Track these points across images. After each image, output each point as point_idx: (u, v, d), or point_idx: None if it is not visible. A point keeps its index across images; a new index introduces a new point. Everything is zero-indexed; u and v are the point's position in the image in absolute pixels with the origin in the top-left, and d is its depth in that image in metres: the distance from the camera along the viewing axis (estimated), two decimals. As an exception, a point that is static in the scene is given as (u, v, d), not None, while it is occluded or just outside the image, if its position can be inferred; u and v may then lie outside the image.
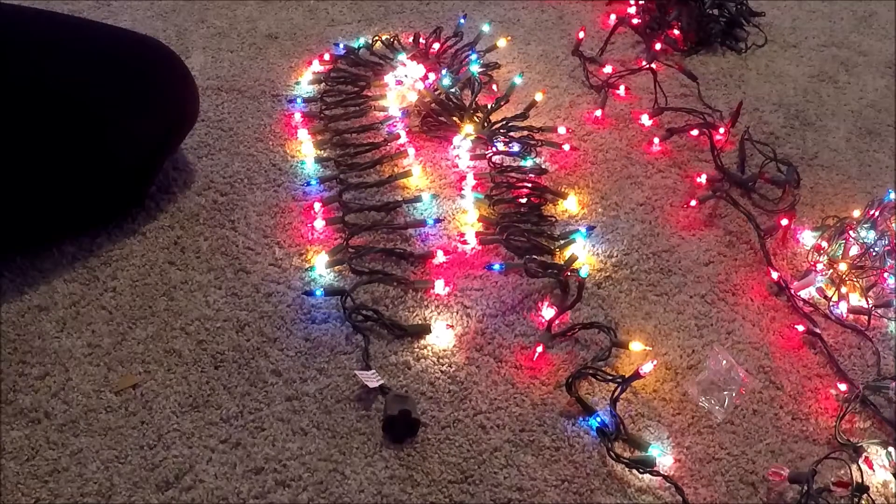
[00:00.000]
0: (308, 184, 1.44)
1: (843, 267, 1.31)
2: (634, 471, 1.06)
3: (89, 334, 1.19)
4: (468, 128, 1.54)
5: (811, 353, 1.23)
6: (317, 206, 1.39)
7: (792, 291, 1.30)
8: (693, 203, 1.45)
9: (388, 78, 1.67)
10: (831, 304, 1.29)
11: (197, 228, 1.36)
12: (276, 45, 1.80)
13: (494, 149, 1.51)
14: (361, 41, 1.78)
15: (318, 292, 1.24)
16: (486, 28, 1.83)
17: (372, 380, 1.12)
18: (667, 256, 1.36)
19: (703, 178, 1.48)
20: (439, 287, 1.27)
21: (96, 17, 1.82)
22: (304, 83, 1.69)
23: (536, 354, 1.19)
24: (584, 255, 1.34)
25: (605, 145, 1.58)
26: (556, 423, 1.11)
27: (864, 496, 1.03)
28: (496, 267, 1.29)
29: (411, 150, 1.51)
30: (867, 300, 1.28)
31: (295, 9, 1.93)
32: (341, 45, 1.77)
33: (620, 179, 1.51)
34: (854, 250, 1.33)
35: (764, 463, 1.09)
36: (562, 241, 1.36)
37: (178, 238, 1.34)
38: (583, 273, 1.27)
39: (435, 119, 1.58)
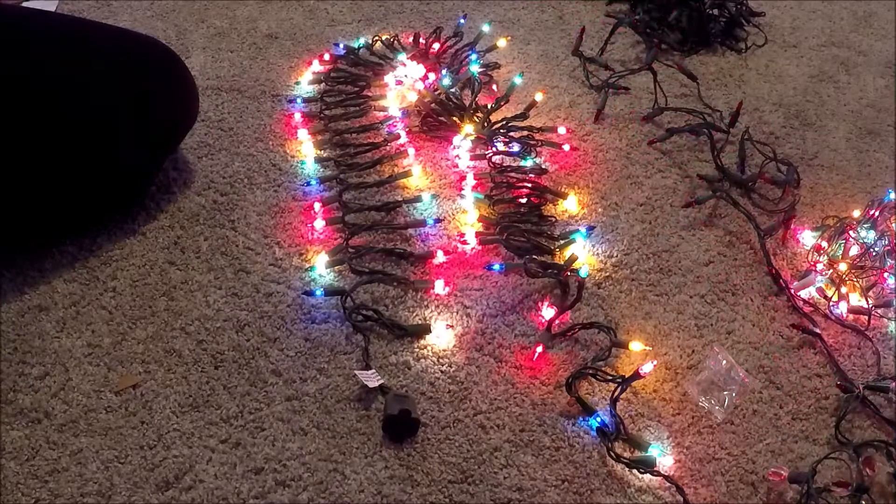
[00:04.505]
0: (308, 184, 1.44)
1: (843, 267, 1.31)
2: (634, 471, 1.06)
3: (89, 334, 1.19)
4: (468, 128, 1.54)
5: (811, 353, 1.23)
6: (317, 206, 1.39)
7: (792, 291, 1.30)
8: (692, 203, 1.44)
9: (388, 78, 1.67)
10: (831, 304, 1.29)
11: (197, 228, 1.36)
12: (276, 45, 1.80)
13: (494, 149, 1.51)
14: (361, 41, 1.78)
15: (318, 292, 1.24)
16: (486, 28, 1.83)
17: (372, 380, 1.12)
18: (667, 256, 1.36)
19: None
20: (439, 287, 1.27)
21: (96, 17, 1.82)
22: (304, 83, 1.68)
23: (536, 354, 1.19)
24: (584, 255, 1.34)
25: (605, 145, 1.58)
26: (556, 423, 1.11)
27: (865, 496, 1.03)
28: (496, 267, 1.29)
29: (411, 150, 1.51)
30: (867, 300, 1.28)
31: (295, 9, 1.93)
32: (341, 45, 1.77)
33: (620, 179, 1.51)
34: (854, 250, 1.33)
35: (764, 463, 1.09)
36: (562, 241, 1.36)
37: (178, 238, 1.34)
38: (583, 273, 1.27)
39: (435, 119, 1.58)
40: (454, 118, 1.57)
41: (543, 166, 1.51)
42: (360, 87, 1.67)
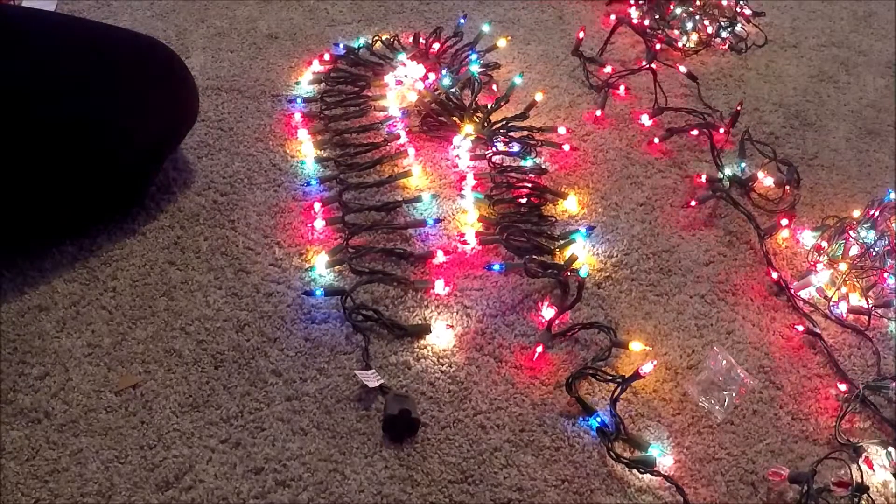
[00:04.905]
0: (308, 184, 1.44)
1: (843, 267, 1.31)
2: (634, 471, 1.06)
3: (89, 334, 1.19)
4: (468, 128, 1.54)
5: (811, 353, 1.23)
6: (317, 206, 1.39)
7: (792, 291, 1.30)
8: (693, 203, 1.45)
9: (388, 78, 1.67)
10: (831, 304, 1.29)
11: (197, 228, 1.36)
12: (276, 45, 1.80)
13: (494, 149, 1.51)
14: (361, 41, 1.78)
15: (318, 292, 1.24)
16: (486, 28, 1.83)
17: (372, 379, 1.12)
18: (667, 256, 1.37)
19: (703, 178, 1.48)
20: (439, 287, 1.27)
21: (96, 17, 1.82)
22: (304, 83, 1.68)
23: (536, 354, 1.19)
24: (584, 255, 1.34)
25: (605, 145, 1.58)
26: (556, 423, 1.11)
27: (864, 496, 1.03)
28: (496, 267, 1.29)
29: (411, 150, 1.51)
30: (867, 300, 1.28)
31: (295, 9, 1.93)
32: (341, 45, 1.77)
33: (620, 179, 1.51)
34: (854, 250, 1.33)
35: (764, 463, 1.09)
36: (562, 241, 1.36)
37: (178, 238, 1.34)
38: (583, 273, 1.27)
39: (435, 119, 1.58)
40: (454, 118, 1.57)
41: (543, 166, 1.51)
42: (360, 87, 1.67)
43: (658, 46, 1.81)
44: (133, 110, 1.31)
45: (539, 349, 1.18)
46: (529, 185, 1.44)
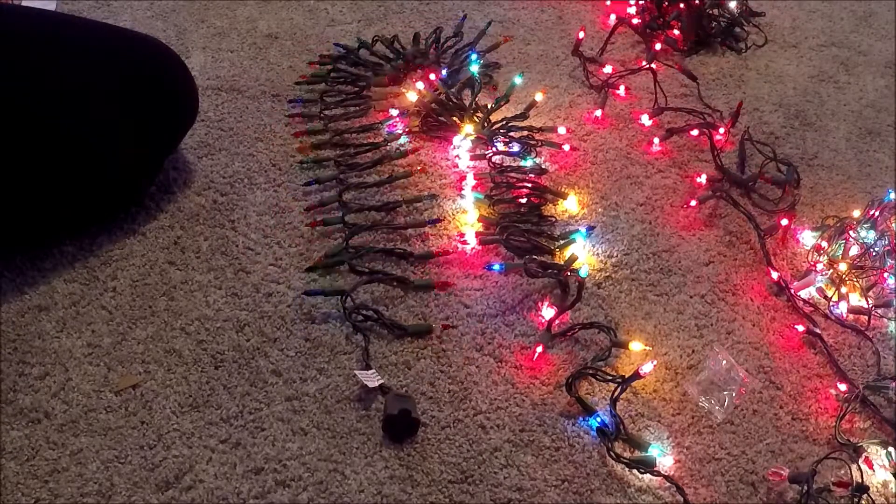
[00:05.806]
0: (308, 184, 1.44)
1: (843, 267, 1.31)
2: (634, 471, 1.06)
3: (89, 334, 1.19)
4: (468, 128, 1.54)
5: (811, 353, 1.23)
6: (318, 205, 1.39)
7: (792, 291, 1.30)
8: (693, 203, 1.45)
9: (389, 78, 1.67)
10: (831, 304, 1.29)
11: (197, 228, 1.36)
12: (276, 45, 1.80)
13: (494, 149, 1.51)
14: (361, 41, 1.78)
15: (319, 292, 1.24)
16: (486, 28, 1.83)
17: (372, 379, 1.12)
18: (667, 256, 1.37)
19: (702, 178, 1.48)
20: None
21: (96, 17, 1.81)
22: (305, 83, 1.68)
23: (536, 354, 1.19)
24: (584, 255, 1.34)
25: (605, 145, 1.58)
26: (556, 423, 1.11)
27: (864, 496, 1.03)
28: (496, 267, 1.29)
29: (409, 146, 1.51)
30: (867, 300, 1.28)
31: (295, 9, 1.93)
32: (342, 46, 1.77)
33: (620, 179, 1.51)
34: (854, 250, 1.33)
35: (764, 463, 1.09)
36: (562, 241, 1.36)
37: (178, 238, 1.34)
38: (583, 273, 1.27)
39: (435, 119, 1.58)
40: (454, 118, 1.57)
41: (543, 166, 1.51)
42: (360, 87, 1.67)
43: (658, 46, 1.81)
44: (133, 110, 1.31)
45: (539, 349, 1.18)
46: (529, 185, 1.44)
